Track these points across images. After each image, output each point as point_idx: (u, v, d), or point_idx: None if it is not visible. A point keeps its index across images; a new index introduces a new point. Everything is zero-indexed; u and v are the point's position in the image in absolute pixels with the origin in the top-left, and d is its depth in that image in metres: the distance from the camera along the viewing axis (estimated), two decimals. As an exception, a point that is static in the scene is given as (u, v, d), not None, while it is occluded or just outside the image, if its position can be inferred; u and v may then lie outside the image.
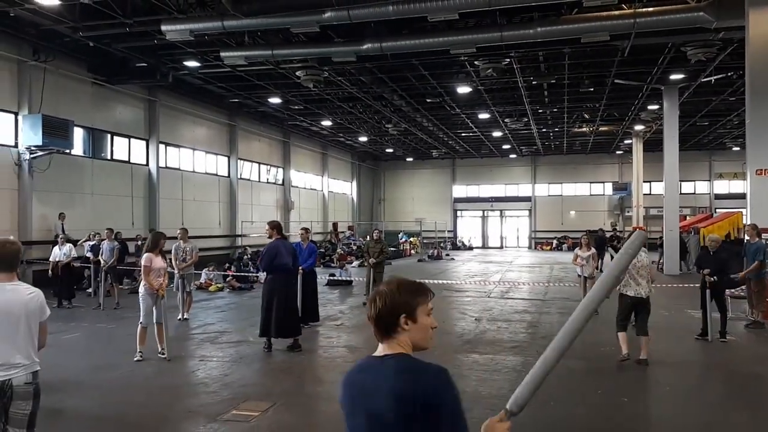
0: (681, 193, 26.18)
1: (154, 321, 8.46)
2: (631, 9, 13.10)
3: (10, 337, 3.69)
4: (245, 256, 22.37)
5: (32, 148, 16.24)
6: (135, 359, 8.24)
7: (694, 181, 39.43)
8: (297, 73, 18.74)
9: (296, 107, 25.72)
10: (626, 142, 34.08)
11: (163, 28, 13.91)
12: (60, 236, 14.85)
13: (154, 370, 7.97)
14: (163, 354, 8.45)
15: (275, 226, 9.47)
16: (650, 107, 24.55)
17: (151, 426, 5.87)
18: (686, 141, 32.35)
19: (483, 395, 6.79)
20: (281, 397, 6.70)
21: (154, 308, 8.48)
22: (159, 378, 7.67)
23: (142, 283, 8.63)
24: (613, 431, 5.94)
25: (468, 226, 45.40)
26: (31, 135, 15.94)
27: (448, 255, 33.76)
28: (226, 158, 26.86)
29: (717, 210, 36.37)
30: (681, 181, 25.10)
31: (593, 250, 13.10)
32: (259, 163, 29.97)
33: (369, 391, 2.01)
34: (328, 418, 6.22)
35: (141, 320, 8.44)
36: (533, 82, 20.83)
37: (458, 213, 45.38)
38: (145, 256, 8.65)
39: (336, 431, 5.69)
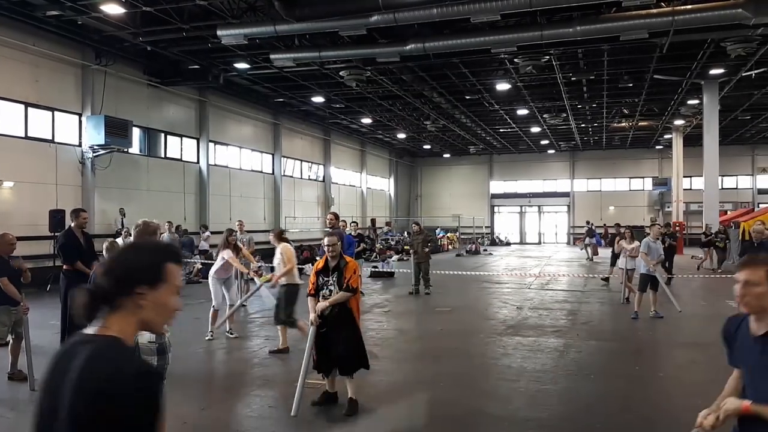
0: (723, 188, 26.13)
1: (228, 303, 9.29)
2: (670, 7, 13.41)
3: None
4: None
5: (95, 147, 17.31)
6: (206, 338, 9.04)
7: (736, 175, 38.85)
8: (341, 73, 19.43)
9: (338, 106, 26.47)
10: (666, 136, 33.91)
11: (219, 33, 14.67)
12: (123, 230, 15.82)
13: (226, 347, 8.79)
14: (232, 333, 9.25)
15: (337, 216, 10.78)
16: (690, 102, 24.53)
17: (236, 388, 6.66)
18: (728, 135, 32.08)
19: (527, 369, 7.41)
20: (343, 369, 7.38)
21: (224, 293, 9.31)
22: (232, 353, 8.47)
23: (211, 270, 9.45)
24: (649, 399, 6.44)
25: (505, 222, 45.64)
26: (94, 135, 17.01)
27: (485, 250, 34.17)
28: (270, 156, 27.83)
29: (760, 204, 35.90)
30: (722, 176, 25.06)
31: (636, 242, 13.02)
32: (301, 161, 30.88)
33: None
34: (384, 387, 6.89)
35: (213, 304, 9.25)
36: (572, 78, 21.12)
37: (495, 209, 45.66)
38: (226, 251, 9.36)
39: (387, 399, 6.39)
